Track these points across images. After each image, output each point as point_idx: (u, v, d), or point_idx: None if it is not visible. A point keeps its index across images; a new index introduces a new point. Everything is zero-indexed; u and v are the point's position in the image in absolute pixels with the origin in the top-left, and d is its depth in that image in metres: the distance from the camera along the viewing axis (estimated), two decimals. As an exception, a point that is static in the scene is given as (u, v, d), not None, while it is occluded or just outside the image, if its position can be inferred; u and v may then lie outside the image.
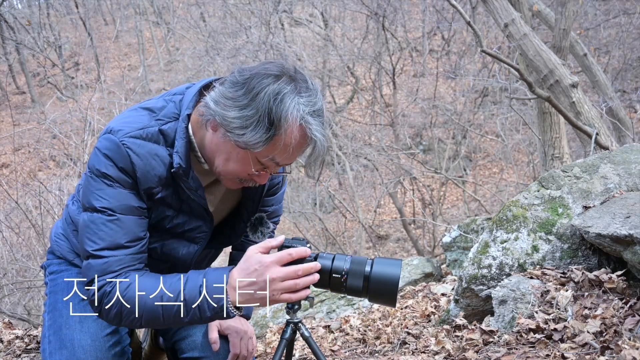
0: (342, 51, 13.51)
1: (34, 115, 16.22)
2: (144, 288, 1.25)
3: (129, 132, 1.29)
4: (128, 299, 1.24)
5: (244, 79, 1.24)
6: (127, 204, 1.28)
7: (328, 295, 3.97)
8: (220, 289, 1.24)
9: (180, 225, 1.42)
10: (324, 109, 1.29)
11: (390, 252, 12.52)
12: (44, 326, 1.53)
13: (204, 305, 1.24)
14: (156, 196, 1.34)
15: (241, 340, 1.59)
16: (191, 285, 1.25)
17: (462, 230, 4.03)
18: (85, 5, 22.63)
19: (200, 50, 15.71)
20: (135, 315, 1.25)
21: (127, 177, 1.28)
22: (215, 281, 1.25)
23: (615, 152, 2.61)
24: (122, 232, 1.27)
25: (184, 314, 1.24)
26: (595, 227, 2.04)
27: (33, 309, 6.07)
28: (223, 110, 1.24)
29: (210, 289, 1.24)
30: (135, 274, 1.28)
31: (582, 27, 11.62)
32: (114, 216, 1.26)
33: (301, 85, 1.25)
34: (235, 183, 1.39)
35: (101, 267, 1.26)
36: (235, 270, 1.26)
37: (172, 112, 1.35)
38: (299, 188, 12.89)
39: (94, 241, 1.26)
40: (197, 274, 1.28)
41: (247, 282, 1.24)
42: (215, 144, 1.31)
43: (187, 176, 1.33)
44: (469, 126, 12.63)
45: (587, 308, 1.91)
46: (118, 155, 1.27)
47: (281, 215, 1.81)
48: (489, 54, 4.62)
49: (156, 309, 1.24)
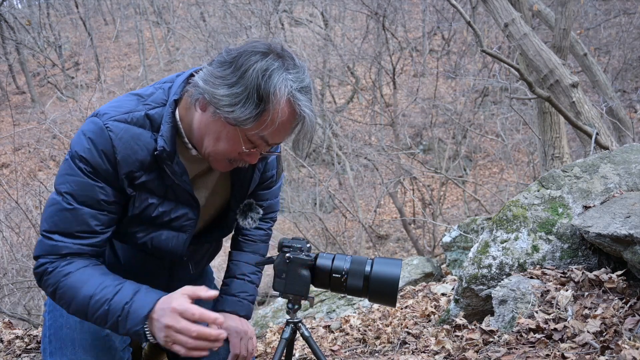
0: (342, 51, 13.51)
1: (34, 115, 16.23)
2: (80, 282, 1.27)
3: (114, 115, 1.30)
4: (63, 286, 1.28)
5: (231, 57, 1.25)
6: (90, 196, 1.28)
7: (328, 295, 3.97)
8: (141, 316, 1.23)
9: (166, 214, 1.40)
10: (311, 87, 1.30)
11: (390, 252, 12.52)
12: (44, 326, 1.53)
13: (123, 322, 1.25)
14: (138, 180, 1.33)
15: (241, 341, 1.59)
16: (119, 298, 1.25)
17: (462, 230, 4.04)
18: (85, 5, 22.62)
19: (200, 50, 15.72)
20: (66, 302, 1.29)
21: (103, 162, 1.28)
22: (142, 305, 1.24)
23: (615, 152, 2.61)
24: (76, 222, 1.29)
25: (104, 321, 1.26)
26: (595, 227, 2.04)
27: (33, 309, 6.07)
28: (212, 88, 1.24)
29: (133, 310, 1.24)
30: (81, 263, 1.30)
31: (582, 27, 11.63)
32: (72, 206, 1.28)
33: (289, 63, 1.26)
34: (225, 164, 1.38)
35: (49, 248, 1.29)
36: (160, 301, 1.26)
37: (160, 98, 1.36)
38: (299, 188, 12.90)
39: (49, 223, 1.29)
40: (131, 289, 1.27)
41: (156, 317, 1.23)
42: (205, 124, 1.31)
43: (171, 160, 1.33)
44: (469, 126, 12.63)
45: (587, 308, 1.91)
46: (100, 139, 1.27)
47: (278, 211, 1.80)
48: (489, 53, 4.62)
49: (84, 306, 1.27)
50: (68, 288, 1.27)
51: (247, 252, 1.71)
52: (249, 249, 1.71)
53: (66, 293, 1.27)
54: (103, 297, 1.25)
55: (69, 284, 1.27)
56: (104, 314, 1.25)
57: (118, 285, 1.27)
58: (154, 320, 1.23)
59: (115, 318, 1.24)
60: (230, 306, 1.63)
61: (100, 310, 1.25)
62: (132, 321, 1.24)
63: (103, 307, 1.25)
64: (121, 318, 1.24)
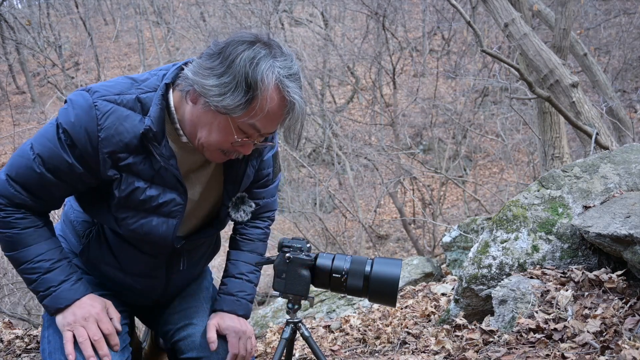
0: (342, 51, 13.52)
1: (34, 115, 16.22)
2: (24, 243, 1.38)
3: (104, 94, 1.31)
4: (8, 237, 1.37)
5: (219, 48, 1.27)
6: (57, 167, 1.32)
7: (328, 295, 3.97)
8: (57, 306, 1.40)
9: (154, 199, 1.40)
10: (300, 75, 1.31)
11: (390, 252, 12.52)
12: (43, 326, 1.53)
13: (42, 297, 1.40)
14: (123, 162, 1.33)
15: (240, 340, 1.59)
16: (49, 278, 1.39)
17: (462, 230, 4.04)
18: (85, 5, 22.60)
19: (200, 50, 15.68)
20: (4, 248, 1.41)
21: (83, 139, 1.29)
22: (64, 297, 1.40)
23: (615, 152, 2.60)
24: (39, 184, 1.34)
25: (28, 283, 1.41)
26: (595, 227, 2.04)
27: (33, 309, 6.07)
28: (202, 79, 1.26)
29: (54, 296, 1.39)
30: (30, 222, 1.39)
31: (582, 27, 11.63)
32: (39, 170, 1.32)
33: (276, 51, 1.28)
34: (218, 155, 1.38)
35: (8, 193, 1.35)
36: (79, 301, 1.42)
37: (154, 84, 1.37)
38: (299, 188, 12.90)
39: (15, 172, 1.35)
40: (62, 274, 1.42)
41: (72, 311, 1.41)
42: (196, 116, 1.32)
43: (158, 142, 1.33)
44: (469, 126, 12.63)
45: (587, 308, 1.91)
46: (86, 115, 1.29)
47: (276, 210, 1.80)
48: (489, 53, 4.62)
49: (18, 263, 1.39)
50: (11, 242, 1.38)
51: (245, 251, 1.70)
52: (247, 248, 1.71)
53: (8, 244, 1.39)
54: (37, 269, 1.38)
55: (13, 238, 1.37)
56: (31, 281, 1.39)
57: (54, 264, 1.40)
58: (69, 308, 1.40)
59: (38, 289, 1.39)
60: (229, 305, 1.62)
61: (30, 275, 1.39)
62: (49, 302, 1.39)
63: (33, 275, 1.38)
64: (43, 294, 1.39)
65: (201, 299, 1.71)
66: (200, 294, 1.73)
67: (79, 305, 1.40)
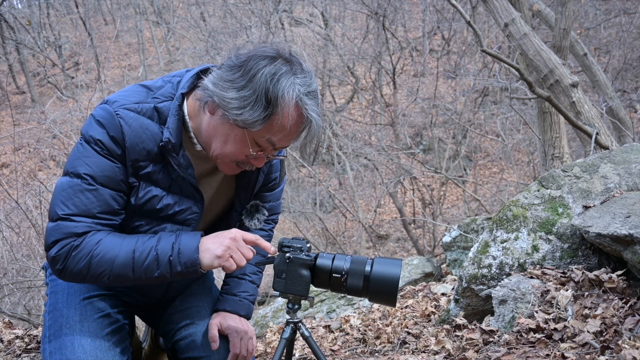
0: (342, 51, 13.51)
1: (34, 115, 16.22)
2: (116, 243, 1.30)
3: (124, 104, 1.32)
4: (99, 252, 1.28)
5: (240, 61, 1.28)
6: (109, 176, 1.31)
7: (328, 295, 3.97)
8: (193, 246, 1.32)
9: (171, 207, 1.42)
10: (318, 91, 1.33)
11: (390, 251, 12.52)
12: (44, 326, 1.53)
13: (175, 260, 1.30)
14: (143, 171, 1.35)
15: (241, 340, 1.59)
16: (164, 243, 1.32)
17: (462, 230, 4.04)
18: (85, 5, 22.61)
19: (200, 50, 15.72)
20: (104, 269, 1.29)
21: (116, 147, 1.30)
22: (189, 239, 1.33)
23: (615, 151, 2.61)
24: (97, 202, 1.30)
25: (155, 266, 1.30)
26: (595, 227, 2.04)
27: (33, 309, 6.07)
28: (221, 91, 1.27)
29: (183, 245, 1.32)
30: (104, 233, 1.32)
31: (582, 27, 11.63)
32: (93, 186, 1.29)
33: (296, 67, 1.29)
34: (232, 167, 1.40)
35: (68, 230, 1.28)
36: (206, 237, 1.37)
37: (169, 92, 1.38)
38: (299, 188, 12.90)
39: (67, 206, 1.29)
40: (169, 233, 1.36)
41: (212, 236, 1.36)
42: (213, 126, 1.33)
43: (177, 152, 1.35)
44: (469, 126, 12.62)
45: (587, 308, 1.91)
46: (111, 124, 1.30)
47: (280, 213, 1.81)
48: (489, 53, 4.62)
49: (128, 261, 1.29)
50: (105, 252, 1.28)
51: None
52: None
53: (104, 257, 1.28)
54: (147, 247, 1.31)
55: (105, 248, 1.29)
56: (154, 260, 1.30)
57: (154, 236, 1.34)
58: (206, 243, 1.34)
59: (167, 258, 1.30)
60: (231, 306, 1.63)
61: (148, 258, 1.30)
62: (186, 253, 1.31)
63: (151, 253, 1.30)
64: (173, 256, 1.30)
65: (203, 299, 1.72)
66: (202, 294, 1.73)
67: (207, 240, 1.36)
